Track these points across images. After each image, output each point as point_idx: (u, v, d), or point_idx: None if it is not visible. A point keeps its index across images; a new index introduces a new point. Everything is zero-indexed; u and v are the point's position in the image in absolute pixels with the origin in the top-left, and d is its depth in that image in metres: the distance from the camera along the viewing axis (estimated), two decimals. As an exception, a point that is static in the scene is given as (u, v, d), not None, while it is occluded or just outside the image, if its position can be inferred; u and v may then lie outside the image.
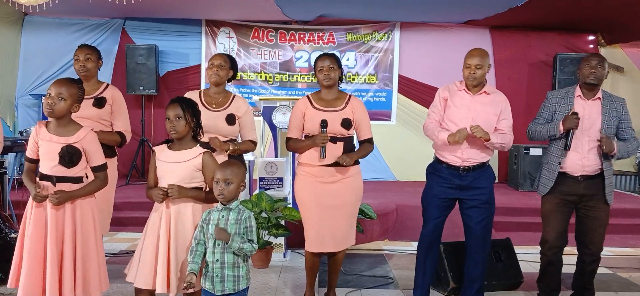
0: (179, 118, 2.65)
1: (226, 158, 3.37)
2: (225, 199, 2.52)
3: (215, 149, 2.78)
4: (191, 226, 2.67)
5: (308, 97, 3.42)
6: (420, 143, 3.38)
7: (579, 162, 3.33)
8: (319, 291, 3.79)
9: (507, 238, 4.10)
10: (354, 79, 8.30)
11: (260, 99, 5.35)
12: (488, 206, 3.37)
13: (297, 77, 8.32)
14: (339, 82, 3.39)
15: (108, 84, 3.62)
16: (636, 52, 8.36)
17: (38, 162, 2.69)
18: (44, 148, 2.64)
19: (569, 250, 3.64)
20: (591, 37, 8.26)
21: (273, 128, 5.07)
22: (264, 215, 4.36)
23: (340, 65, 3.36)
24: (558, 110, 3.42)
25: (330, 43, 8.23)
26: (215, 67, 3.48)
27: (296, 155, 3.57)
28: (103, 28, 7.99)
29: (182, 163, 2.67)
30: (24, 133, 6.44)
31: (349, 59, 8.27)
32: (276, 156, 5.13)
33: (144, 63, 7.66)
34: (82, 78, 3.37)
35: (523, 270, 3.99)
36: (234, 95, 3.60)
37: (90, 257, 2.69)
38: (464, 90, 3.36)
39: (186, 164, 2.67)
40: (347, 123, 3.29)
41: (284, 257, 4.70)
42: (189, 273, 2.48)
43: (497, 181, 8.16)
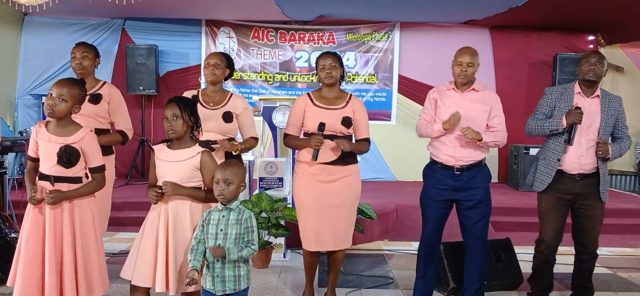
0: (177, 117, 2.65)
1: (223, 158, 3.37)
2: (225, 199, 2.51)
3: (214, 149, 2.78)
4: (189, 226, 2.66)
5: (309, 94, 3.42)
6: (420, 143, 3.37)
7: (577, 160, 3.33)
8: (319, 292, 3.79)
9: (507, 238, 4.10)
10: (354, 79, 8.30)
11: (260, 99, 5.36)
12: (484, 205, 3.36)
13: (297, 77, 8.31)
14: (340, 81, 3.40)
15: (105, 82, 3.62)
16: (636, 52, 8.37)
17: (39, 161, 2.69)
18: (43, 148, 2.64)
19: (566, 250, 3.64)
20: (591, 37, 8.26)
21: (273, 128, 5.07)
22: (264, 215, 4.36)
23: (341, 64, 3.37)
24: (558, 105, 3.41)
25: (330, 43, 8.23)
26: (211, 67, 3.50)
27: (295, 153, 3.57)
28: (103, 28, 7.99)
29: (180, 162, 2.67)
30: (24, 133, 6.43)
31: (349, 59, 8.27)
32: (276, 156, 5.13)
33: (144, 63, 7.66)
34: (78, 76, 3.38)
35: (523, 270, 3.98)
36: (231, 94, 3.62)
37: (91, 257, 2.69)
38: (453, 89, 3.36)
39: (185, 163, 2.67)
40: (347, 121, 3.29)
41: (284, 257, 4.70)
42: (191, 269, 2.47)
43: (497, 181, 8.23)
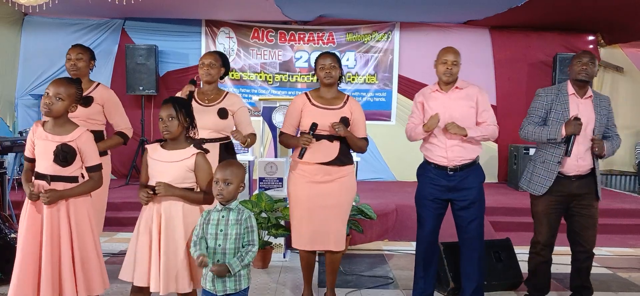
0: (172, 118, 2.65)
1: (217, 159, 3.38)
2: (224, 199, 2.50)
3: (208, 150, 2.79)
4: (182, 228, 2.64)
5: (307, 94, 3.42)
6: (420, 144, 3.37)
7: (575, 162, 3.33)
8: (319, 292, 3.79)
9: (506, 238, 4.10)
10: (353, 79, 8.30)
11: (260, 99, 5.36)
12: (478, 205, 3.35)
13: (296, 77, 8.31)
14: (338, 82, 3.41)
15: (99, 83, 3.62)
16: (636, 52, 8.37)
17: (35, 161, 2.69)
18: (40, 147, 2.63)
19: (563, 250, 3.64)
20: (591, 37, 8.27)
21: (273, 128, 5.07)
22: (263, 215, 4.36)
23: (340, 65, 3.38)
24: (553, 108, 3.39)
25: (330, 43, 8.23)
26: (206, 67, 3.54)
27: (292, 151, 3.58)
28: (103, 28, 8.00)
29: (174, 163, 2.66)
30: (24, 134, 6.44)
31: (348, 59, 8.27)
32: (276, 156, 5.13)
33: (144, 63, 7.66)
34: (72, 76, 3.38)
35: (523, 270, 3.98)
36: (227, 92, 3.65)
37: (89, 256, 2.68)
38: (437, 90, 3.37)
39: (179, 164, 2.66)
40: (345, 121, 3.29)
41: (284, 257, 4.70)
42: (199, 255, 2.43)
43: (497, 181, 8.23)
